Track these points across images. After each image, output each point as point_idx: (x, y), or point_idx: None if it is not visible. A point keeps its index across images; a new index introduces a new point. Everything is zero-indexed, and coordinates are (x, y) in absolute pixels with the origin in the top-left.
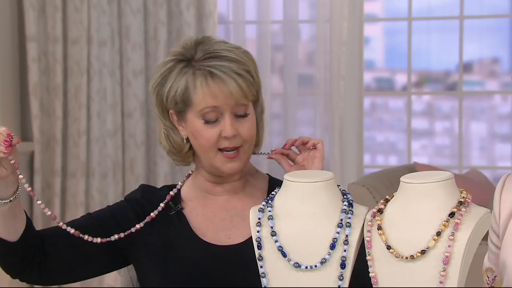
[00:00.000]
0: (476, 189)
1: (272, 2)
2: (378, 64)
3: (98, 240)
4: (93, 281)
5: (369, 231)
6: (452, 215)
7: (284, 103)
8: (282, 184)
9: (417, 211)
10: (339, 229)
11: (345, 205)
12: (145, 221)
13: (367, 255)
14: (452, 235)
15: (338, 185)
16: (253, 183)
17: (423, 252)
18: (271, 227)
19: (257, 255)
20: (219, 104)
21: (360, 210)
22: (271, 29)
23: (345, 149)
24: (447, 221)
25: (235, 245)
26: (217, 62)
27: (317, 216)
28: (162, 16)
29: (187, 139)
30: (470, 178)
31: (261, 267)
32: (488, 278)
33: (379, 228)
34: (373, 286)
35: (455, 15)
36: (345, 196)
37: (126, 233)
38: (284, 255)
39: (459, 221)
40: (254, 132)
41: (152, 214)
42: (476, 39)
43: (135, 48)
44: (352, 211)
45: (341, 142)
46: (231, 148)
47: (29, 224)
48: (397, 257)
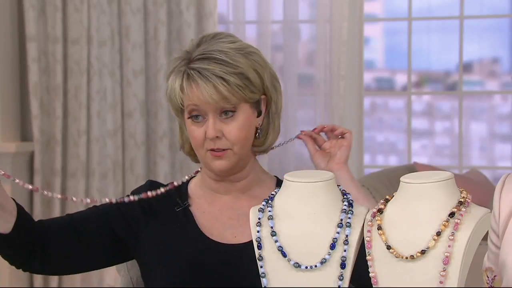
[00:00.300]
0: (476, 189)
1: (272, 2)
2: (378, 64)
3: (86, 201)
4: (93, 281)
5: (369, 231)
6: (452, 215)
7: (284, 103)
8: (282, 184)
9: (417, 211)
10: (339, 229)
11: (345, 205)
12: (140, 196)
13: (367, 255)
14: (452, 235)
15: (338, 185)
16: (261, 183)
17: (423, 252)
18: (271, 227)
19: (257, 255)
20: (199, 103)
21: (360, 210)
22: (271, 29)
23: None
24: (447, 221)
25: (241, 244)
26: (202, 64)
27: (317, 216)
28: (162, 16)
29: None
30: (470, 178)
31: (261, 267)
32: (488, 277)
33: (379, 228)
34: (373, 286)
35: (455, 15)
36: (345, 196)
37: (119, 199)
38: (284, 255)
39: (459, 221)
40: (242, 134)
41: (162, 189)
42: (476, 39)
43: (135, 48)
44: (352, 211)
45: None
46: (217, 149)
47: (21, 214)
48: (397, 257)
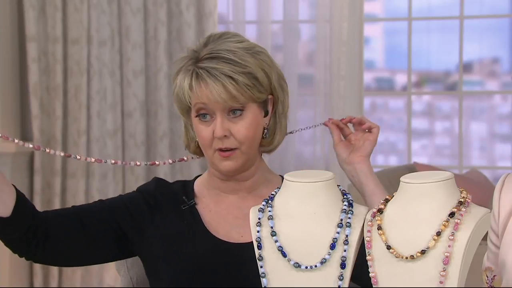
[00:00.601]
0: (476, 189)
1: (272, 2)
2: (378, 64)
3: (92, 160)
4: (93, 281)
5: (369, 231)
6: (452, 215)
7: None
8: (282, 184)
9: (417, 211)
10: (339, 229)
11: (345, 205)
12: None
13: (367, 255)
14: (452, 235)
15: (338, 185)
16: (267, 183)
17: (423, 252)
18: (271, 227)
19: (257, 255)
20: (206, 102)
21: (360, 210)
22: (271, 29)
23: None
24: (447, 221)
25: (247, 243)
26: (211, 64)
27: (317, 216)
28: (162, 16)
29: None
30: (470, 178)
31: (261, 267)
32: (487, 277)
33: (379, 228)
34: (373, 286)
35: (455, 15)
36: (345, 196)
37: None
38: (284, 255)
39: (459, 221)
40: (250, 133)
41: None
42: (476, 39)
43: (135, 48)
44: (352, 211)
45: None
46: (225, 149)
47: (21, 198)
48: (397, 257)
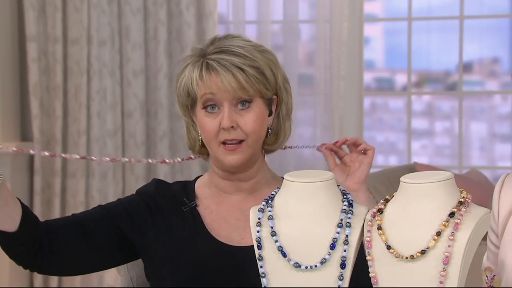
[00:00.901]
0: (476, 189)
1: (272, 2)
2: (378, 64)
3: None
4: (93, 281)
5: (369, 231)
6: (452, 215)
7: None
8: (282, 184)
9: (417, 211)
10: (339, 229)
11: (345, 205)
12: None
13: (367, 255)
14: (452, 235)
15: (338, 185)
16: (269, 184)
17: (423, 252)
18: (271, 227)
19: (257, 255)
20: (216, 92)
21: (360, 210)
22: (271, 29)
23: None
24: (447, 221)
25: (248, 246)
26: (221, 56)
27: (317, 216)
28: (162, 16)
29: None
30: (470, 178)
31: (261, 267)
32: (487, 277)
33: (379, 228)
34: (373, 286)
35: (455, 15)
36: (345, 196)
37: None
38: (284, 255)
39: (459, 221)
40: (257, 126)
41: (179, 159)
42: (476, 39)
43: (135, 48)
44: (352, 211)
45: None
46: (231, 141)
47: (26, 212)
48: (397, 257)
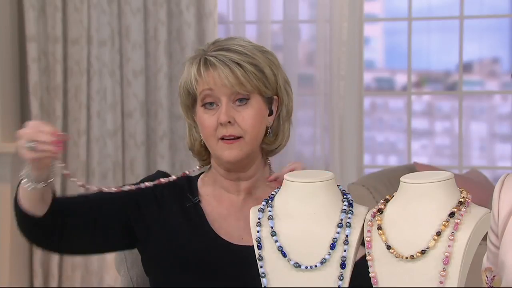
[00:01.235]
0: (476, 189)
1: (272, 2)
2: (378, 64)
3: (113, 190)
4: (93, 281)
5: (369, 231)
6: (452, 215)
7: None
8: (282, 184)
9: (417, 211)
10: (339, 229)
11: (345, 205)
12: (154, 183)
13: (367, 255)
14: (452, 235)
15: (338, 185)
16: (269, 184)
17: (423, 252)
18: (271, 227)
19: (257, 255)
20: (213, 88)
21: (360, 210)
22: (271, 29)
23: (345, 149)
24: (447, 221)
25: (249, 247)
26: (220, 52)
27: (317, 216)
28: (162, 16)
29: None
30: (470, 178)
31: (261, 267)
32: (487, 277)
33: (379, 228)
34: (373, 286)
35: (455, 15)
36: (345, 196)
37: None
38: (284, 255)
39: (459, 221)
40: (254, 123)
41: (174, 177)
42: (476, 39)
43: (135, 48)
44: (352, 211)
45: (341, 142)
46: (228, 136)
47: (54, 198)
48: (397, 257)
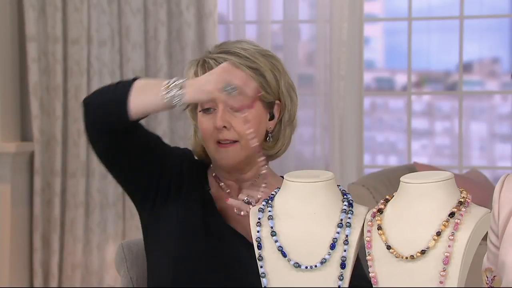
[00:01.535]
0: (476, 189)
1: (272, 2)
2: (378, 64)
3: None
4: (93, 281)
5: (369, 231)
6: (452, 215)
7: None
8: (282, 184)
9: (417, 211)
10: (339, 229)
11: (345, 205)
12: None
13: (367, 255)
14: (452, 235)
15: (338, 185)
16: (271, 187)
17: (423, 252)
18: (271, 227)
19: (257, 255)
20: None
21: (360, 210)
22: (271, 29)
23: (345, 149)
24: (447, 221)
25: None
26: (220, 55)
27: (317, 216)
28: (162, 16)
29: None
30: (470, 178)
31: (261, 267)
32: (487, 278)
33: (379, 228)
34: (373, 286)
35: (455, 15)
36: (345, 196)
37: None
38: (284, 255)
39: (459, 221)
40: (251, 128)
41: None
42: (476, 39)
43: (135, 48)
44: (352, 211)
45: (341, 142)
46: (224, 140)
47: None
48: (397, 257)
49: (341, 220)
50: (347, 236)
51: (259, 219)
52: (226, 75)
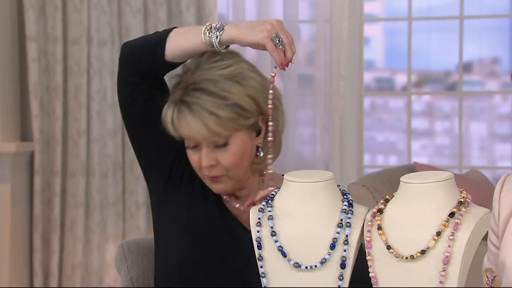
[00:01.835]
0: (476, 189)
1: (272, 2)
2: (378, 64)
3: None
4: (93, 281)
5: (369, 231)
6: (452, 215)
7: (284, 103)
8: (282, 184)
9: (417, 211)
10: (339, 229)
11: (345, 205)
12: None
13: (367, 255)
14: (452, 235)
15: (338, 185)
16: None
17: (423, 252)
18: (271, 227)
19: (257, 255)
20: (190, 135)
21: (360, 210)
22: None
23: (345, 149)
24: (447, 221)
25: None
26: (194, 97)
27: (317, 216)
28: (162, 16)
29: None
30: (470, 178)
31: (261, 267)
32: (488, 278)
33: (379, 228)
34: (373, 286)
35: (455, 15)
36: (345, 196)
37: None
38: (284, 255)
39: (459, 221)
40: (237, 160)
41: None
42: (476, 39)
43: None
44: (352, 211)
45: (341, 142)
46: (212, 176)
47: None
48: (397, 257)
49: (341, 220)
50: (347, 236)
51: (259, 219)
52: (279, 28)
